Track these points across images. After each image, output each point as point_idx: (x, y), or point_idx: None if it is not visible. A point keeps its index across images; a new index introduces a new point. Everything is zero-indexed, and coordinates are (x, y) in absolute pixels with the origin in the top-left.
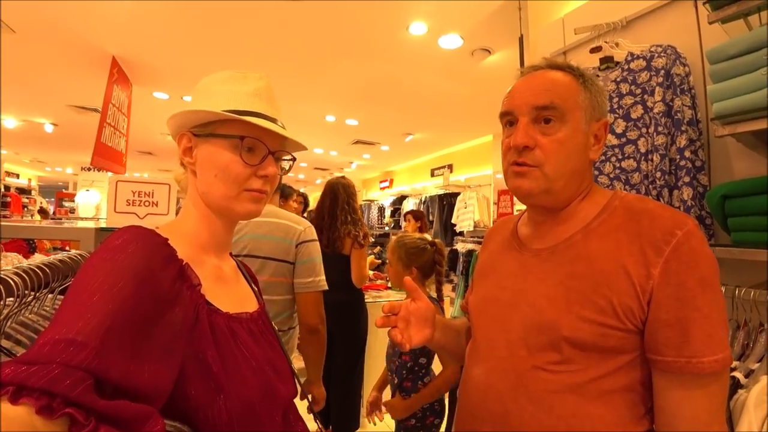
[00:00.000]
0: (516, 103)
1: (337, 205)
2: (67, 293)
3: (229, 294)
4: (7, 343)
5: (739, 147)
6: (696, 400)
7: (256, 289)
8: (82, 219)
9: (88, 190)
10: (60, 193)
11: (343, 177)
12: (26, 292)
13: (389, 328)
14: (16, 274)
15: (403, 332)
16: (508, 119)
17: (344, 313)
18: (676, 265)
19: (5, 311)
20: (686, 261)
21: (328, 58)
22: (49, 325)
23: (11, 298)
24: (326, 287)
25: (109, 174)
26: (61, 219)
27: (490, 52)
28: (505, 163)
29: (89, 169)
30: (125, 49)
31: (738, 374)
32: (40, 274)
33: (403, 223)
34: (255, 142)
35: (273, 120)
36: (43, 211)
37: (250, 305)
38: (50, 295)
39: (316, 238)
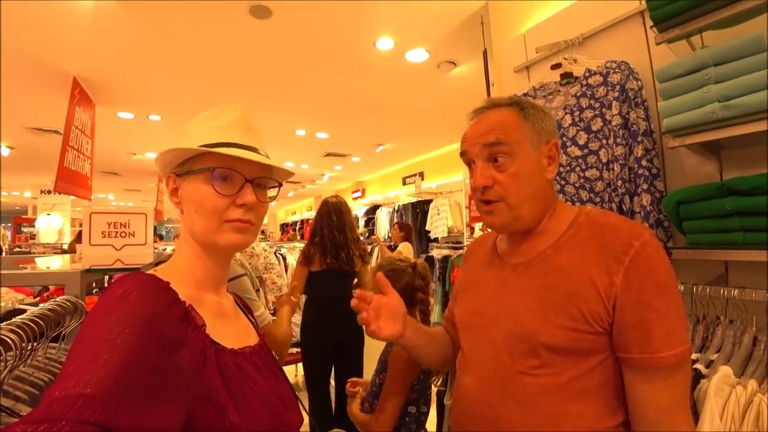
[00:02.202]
0: (469, 144)
1: (345, 224)
2: (72, 347)
3: (231, 330)
4: (6, 401)
5: (690, 154)
6: (660, 390)
7: (253, 320)
8: (44, 245)
9: (49, 214)
10: (18, 218)
11: (338, 196)
12: (23, 345)
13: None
14: (12, 331)
15: (374, 321)
16: (467, 160)
17: (355, 322)
18: (635, 273)
19: (5, 368)
20: (643, 268)
21: (297, 74)
22: (56, 381)
23: (11, 353)
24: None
25: (72, 197)
26: (20, 246)
27: (455, 64)
28: (474, 200)
29: (49, 192)
30: (86, 68)
31: (699, 366)
32: (35, 327)
33: (387, 233)
34: (229, 172)
35: (250, 148)
36: None
37: (252, 338)
38: (37, 345)
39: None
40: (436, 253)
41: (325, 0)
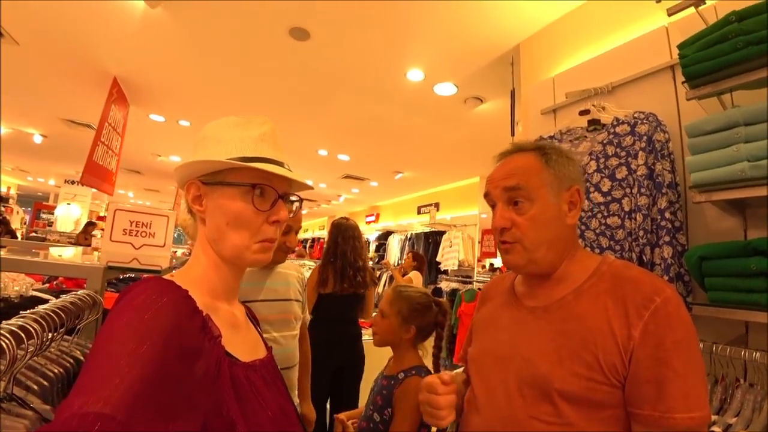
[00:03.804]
0: (492, 187)
1: (363, 248)
2: (93, 352)
3: (243, 341)
4: (18, 390)
5: (714, 209)
6: None
7: (261, 333)
8: (60, 234)
9: (69, 204)
10: (38, 204)
11: (351, 218)
12: (44, 335)
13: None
14: (35, 320)
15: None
16: (490, 201)
17: (360, 344)
18: (654, 328)
19: (24, 357)
20: (663, 324)
21: (326, 96)
22: (76, 389)
23: (32, 341)
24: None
25: (94, 190)
26: (36, 231)
27: (482, 100)
28: (494, 240)
29: (72, 183)
30: (127, 70)
31: (717, 429)
32: (56, 319)
33: (397, 260)
34: (265, 188)
35: (280, 163)
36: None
37: (261, 351)
38: (56, 336)
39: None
40: (445, 285)
41: (363, 28)
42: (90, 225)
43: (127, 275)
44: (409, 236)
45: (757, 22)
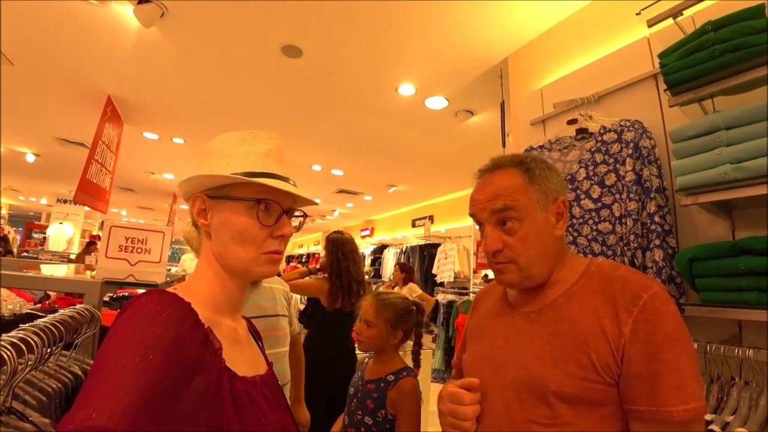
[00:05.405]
0: (477, 209)
1: (361, 260)
2: (95, 365)
3: (244, 357)
4: (16, 404)
5: (702, 212)
6: None
7: (262, 347)
8: (52, 253)
9: (61, 223)
10: (30, 224)
11: (343, 232)
12: (43, 349)
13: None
14: (35, 333)
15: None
16: (476, 221)
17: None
18: (643, 324)
19: (23, 370)
20: (652, 320)
21: (319, 112)
22: (79, 402)
23: (32, 355)
24: None
25: (86, 209)
26: (27, 251)
27: (472, 113)
28: (487, 259)
29: (65, 202)
30: (122, 89)
31: (715, 427)
32: (56, 332)
33: (389, 274)
34: (269, 203)
35: (285, 179)
36: (4, 240)
37: (261, 367)
38: (55, 350)
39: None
40: (441, 297)
41: (354, 44)
42: (91, 244)
43: (122, 294)
44: (404, 249)
45: (732, 31)
